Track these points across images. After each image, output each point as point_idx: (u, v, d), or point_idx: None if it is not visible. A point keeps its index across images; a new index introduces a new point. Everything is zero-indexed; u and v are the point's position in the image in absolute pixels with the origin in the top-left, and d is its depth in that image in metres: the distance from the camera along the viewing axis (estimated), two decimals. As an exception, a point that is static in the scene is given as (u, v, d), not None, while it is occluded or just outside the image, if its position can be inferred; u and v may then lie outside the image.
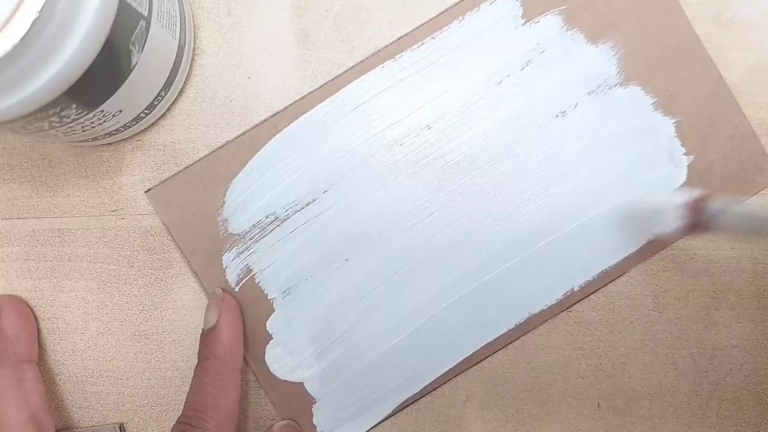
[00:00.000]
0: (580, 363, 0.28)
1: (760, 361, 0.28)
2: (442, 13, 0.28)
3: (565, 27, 0.28)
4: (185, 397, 0.26)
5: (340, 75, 0.28)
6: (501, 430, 0.28)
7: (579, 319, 0.28)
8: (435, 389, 0.28)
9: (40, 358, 0.28)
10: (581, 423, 0.28)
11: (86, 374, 0.29)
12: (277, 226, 0.28)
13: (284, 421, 0.28)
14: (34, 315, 0.28)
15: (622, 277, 0.28)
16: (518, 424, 0.28)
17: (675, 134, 0.28)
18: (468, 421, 0.28)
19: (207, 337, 0.26)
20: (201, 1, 0.28)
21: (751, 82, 0.28)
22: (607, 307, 0.28)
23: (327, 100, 0.28)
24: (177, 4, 0.25)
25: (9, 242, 0.28)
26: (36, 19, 0.17)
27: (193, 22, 0.28)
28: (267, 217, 0.28)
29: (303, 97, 0.28)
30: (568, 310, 0.28)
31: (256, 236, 0.28)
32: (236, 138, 0.28)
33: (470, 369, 0.28)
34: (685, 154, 0.28)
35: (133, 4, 0.21)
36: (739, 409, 0.28)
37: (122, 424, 0.29)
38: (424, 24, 0.28)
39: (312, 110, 0.28)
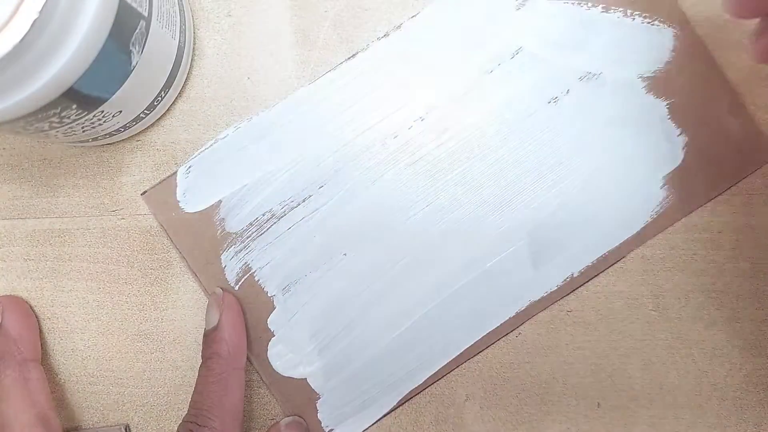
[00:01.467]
0: (580, 363, 0.28)
1: (760, 361, 0.28)
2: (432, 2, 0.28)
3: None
4: (186, 396, 0.26)
5: (330, 70, 0.28)
6: (501, 430, 0.28)
7: (579, 319, 0.28)
8: (436, 382, 0.28)
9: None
10: (581, 423, 0.28)
11: (86, 374, 0.29)
12: (274, 223, 0.28)
13: (290, 417, 0.28)
14: (35, 315, 0.28)
15: (622, 276, 0.28)
16: (518, 423, 0.28)
17: (668, 116, 0.28)
18: (468, 420, 0.28)
19: (209, 336, 0.26)
20: (201, 1, 0.28)
21: (751, 82, 0.28)
22: (607, 307, 0.28)
23: (319, 94, 0.28)
24: (177, 5, 0.25)
25: (9, 242, 0.28)
26: (36, 19, 0.17)
27: (193, 22, 0.28)
28: (264, 215, 0.28)
29: (294, 93, 0.28)
30: (568, 310, 0.28)
31: (254, 234, 0.28)
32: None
33: (470, 369, 0.28)
34: (679, 135, 0.28)
35: (133, 5, 0.21)
36: (739, 409, 0.28)
37: (128, 424, 0.29)
38: (414, 16, 0.28)
39: (304, 105, 0.28)
